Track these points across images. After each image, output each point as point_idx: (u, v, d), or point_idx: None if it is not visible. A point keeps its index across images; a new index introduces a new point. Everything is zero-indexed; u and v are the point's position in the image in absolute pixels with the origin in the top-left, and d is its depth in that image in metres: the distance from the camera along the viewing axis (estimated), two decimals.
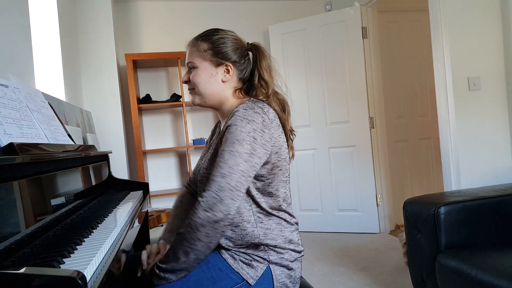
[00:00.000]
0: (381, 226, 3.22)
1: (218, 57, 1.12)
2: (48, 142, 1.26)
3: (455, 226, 1.62)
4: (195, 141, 3.42)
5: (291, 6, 3.82)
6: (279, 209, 1.10)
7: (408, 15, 3.49)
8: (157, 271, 1.01)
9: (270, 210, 1.07)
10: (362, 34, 3.18)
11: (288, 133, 1.15)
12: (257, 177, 1.05)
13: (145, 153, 3.40)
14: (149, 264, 1.10)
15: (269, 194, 1.08)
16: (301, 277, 1.17)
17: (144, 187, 1.93)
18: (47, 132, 1.33)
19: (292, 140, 1.19)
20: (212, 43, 1.13)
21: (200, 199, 0.96)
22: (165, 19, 3.59)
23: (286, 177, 1.12)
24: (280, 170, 1.08)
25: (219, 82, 1.14)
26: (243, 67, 1.16)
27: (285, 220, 1.10)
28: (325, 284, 2.20)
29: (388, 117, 3.40)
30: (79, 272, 0.61)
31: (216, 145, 1.11)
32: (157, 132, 3.60)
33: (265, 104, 1.09)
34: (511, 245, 1.58)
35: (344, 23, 3.24)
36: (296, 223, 1.16)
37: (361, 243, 2.93)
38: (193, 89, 1.16)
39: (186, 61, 1.16)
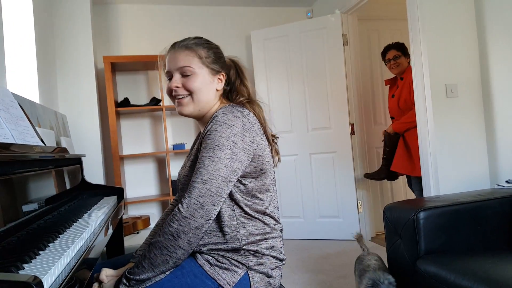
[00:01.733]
0: (362, 233, 3.21)
1: (218, 65, 1.12)
2: (14, 143, 1.19)
3: (434, 231, 1.62)
4: (175, 146, 3.35)
5: (273, 13, 3.83)
6: (264, 213, 1.07)
7: (388, 23, 3.56)
8: (126, 282, 0.95)
9: (253, 214, 1.05)
10: (343, 41, 3.21)
11: (269, 137, 1.13)
12: (241, 181, 1.03)
13: (122, 158, 3.31)
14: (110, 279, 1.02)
15: (254, 197, 1.06)
16: (281, 285, 1.14)
17: (118, 192, 1.86)
18: (14, 133, 1.26)
19: (276, 144, 1.18)
20: (212, 51, 1.13)
21: (180, 206, 0.94)
22: (145, 22, 3.53)
23: (271, 180, 1.11)
24: (264, 173, 1.07)
25: (214, 91, 1.13)
26: (227, 78, 1.17)
27: (268, 226, 1.07)
28: None
29: (368, 124, 3.43)
30: (36, 277, 0.56)
31: (196, 152, 1.08)
32: (135, 136, 3.51)
33: (245, 108, 1.08)
34: (489, 249, 1.60)
35: (325, 30, 3.27)
36: (281, 230, 1.13)
37: (341, 250, 2.92)
38: (183, 97, 1.10)
39: (179, 65, 1.09)
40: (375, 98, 3.57)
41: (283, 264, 1.10)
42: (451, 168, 2.26)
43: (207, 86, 1.11)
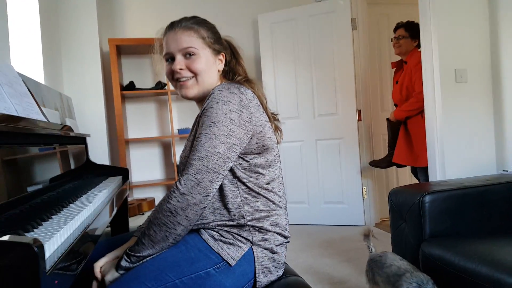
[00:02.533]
0: (366, 219, 3.22)
1: (219, 44, 1.11)
2: (18, 115, 1.18)
3: (439, 215, 1.61)
4: (181, 131, 3.35)
5: None
6: (268, 189, 1.06)
7: (398, 8, 3.48)
8: (127, 259, 0.96)
9: (258, 190, 1.04)
10: (352, 25, 3.16)
11: (269, 115, 1.12)
12: (243, 158, 1.02)
13: (127, 142, 3.32)
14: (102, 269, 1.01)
15: (257, 174, 1.04)
16: (285, 263, 1.13)
17: (124, 173, 1.86)
18: (18, 108, 1.26)
19: (278, 121, 1.16)
20: (210, 30, 1.10)
21: (177, 183, 0.94)
22: (151, 4, 3.49)
23: (274, 156, 1.09)
24: (267, 149, 1.05)
25: (216, 72, 1.12)
26: (226, 58, 1.15)
27: (273, 202, 1.06)
28: (309, 275, 2.17)
29: (375, 110, 3.39)
30: (37, 240, 0.56)
31: (194, 131, 1.07)
32: (140, 120, 3.51)
33: (242, 85, 1.05)
34: (494, 233, 1.59)
35: (333, 14, 3.21)
36: (285, 207, 1.12)
37: (346, 236, 2.92)
38: (187, 80, 1.08)
39: (182, 46, 1.06)
40: (383, 84, 3.51)
41: (288, 241, 1.10)
42: (458, 153, 2.23)
43: (211, 67, 1.09)
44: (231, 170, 1.01)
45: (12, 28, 2.36)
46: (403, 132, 2.66)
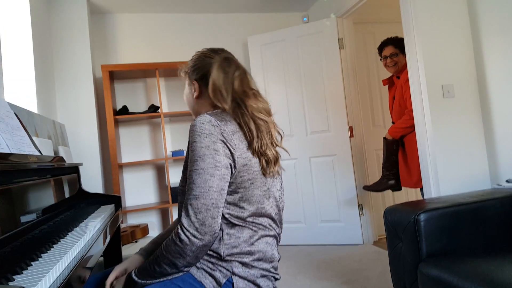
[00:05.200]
0: (365, 237, 3.20)
1: (188, 75, 1.18)
2: (9, 152, 1.18)
3: (435, 233, 1.60)
4: (174, 153, 3.34)
5: (269, 18, 3.84)
6: (256, 222, 1.03)
7: (383, 26, 3.56)
8: (138, 274, 1.01)
9: (242, 224, 1.01)
10: (339, 44, 3.22)
11: (264, 145, 1.03)
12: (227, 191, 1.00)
13: (121, 166, 3.30)
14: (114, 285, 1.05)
15: (242, 208, 1.01)
16: None
17: (116, 200, 1.85)
18: (9, 142, 1.25)
19: (274, 147, 1.09)
20: (191, 60, 1.18)
21: (181, 227, 0.94)
22: (143, 30, 3.54)
23: (264, 191, 1.04)
24: (253, 183, 1.01)
25: (192, 99, 1.18)
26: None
27: (257, 233, 1.03)
28: None
29: (366, 126, 3.42)
30: None
31: (185, 160, 1.06)
32: (134, 144, 3.50)
33: (227, 115, 1.03)
34: (491, 250, 1.58)
35: (321, 34, 3.27)
36: (276, 236, 1.09)
37: (344, 255, 2.89)
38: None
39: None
40: (373, 100, 3.56)
41: (274, 275, 1.07)
42: (451, 169, 2.24)
43: (189, 98, 1.19)
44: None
45: (5, 56, 2.37)
46: (401, 154, 2.58)
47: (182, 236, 0.93)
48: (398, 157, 2.60)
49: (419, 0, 2.26)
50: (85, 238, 1.07)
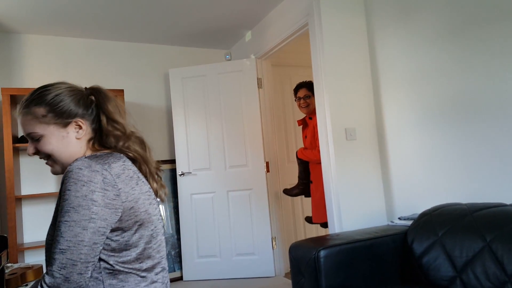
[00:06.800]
0: (277, 269, 3.27)
1: (63, 117, 1.01)
2: None
3: (333, 269, 1.71)
4: None
5: (191, 53, 3.90)
6: (141, 268, 0.98)
7: (298, 70, 3.85)
8: None
9: (128, 270, 0.95)
10: (258, 84, 3.38)
11: (153, 172, 1.07)
12: (110, 237, 0.93)
13: (20, 199, 2.99)
14: None
15: (127, 251, 0.96)
16: None
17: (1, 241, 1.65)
18: None
19: (160, 178, 1.10)
20: (49, 105, 1.00)
21: (44, 281, 0.86)
22: (54, 54, 3.33)
23: (151, 230, 1.01)
24: (141, 225, 0.98)
25: (74, 141, 1.03)
26: (93, 116, 1.06)
27: (144, 277, 0.98)
28: None
29: (281, 162, 3.59)
30: None
31: (56, 209, 0.97)
32: (37, 175, 3.20)
33: (109, 157, 0.98)
34: (384, 285, 1.72)
35: (241, 73, 3.41)
36: (154, 282, 1.01)
37: None
38: (46, 161, 1.04)
39: (26, 133, 1.02)
40: (288, 138, 3.77)
41: None
42: (353, 206, 2.44)
43: (63, 142, 1.01)
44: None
45: None
46: (312, 189, 2.82)
47: None
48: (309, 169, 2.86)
49: (328, 54, 2.48)
50: None
